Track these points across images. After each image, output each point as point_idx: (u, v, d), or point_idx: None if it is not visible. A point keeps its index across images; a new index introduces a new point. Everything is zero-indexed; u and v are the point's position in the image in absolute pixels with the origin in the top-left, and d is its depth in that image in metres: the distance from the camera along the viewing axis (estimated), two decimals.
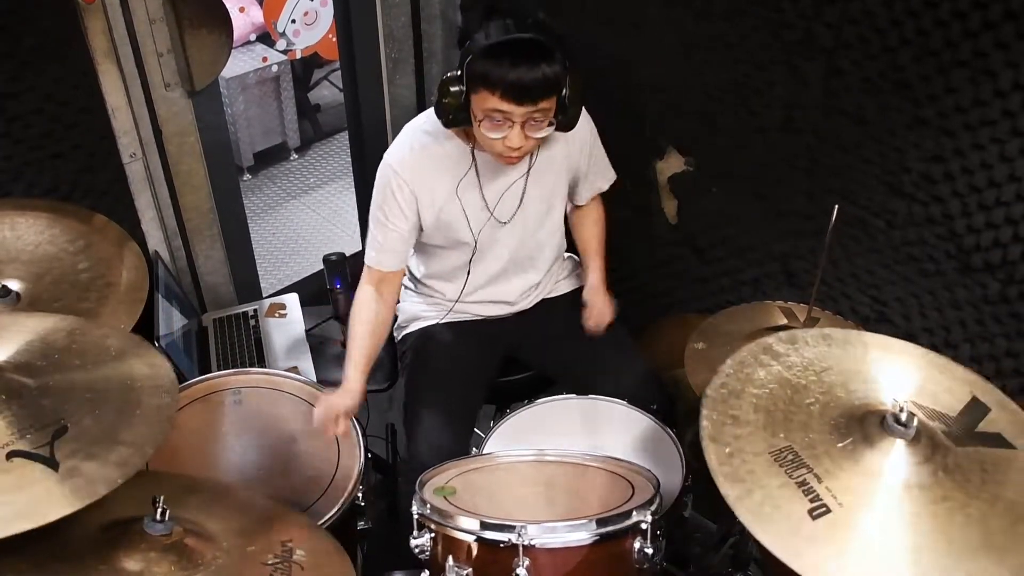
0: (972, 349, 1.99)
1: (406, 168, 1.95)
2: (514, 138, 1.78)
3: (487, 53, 1.70)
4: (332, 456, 1.80)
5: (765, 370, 1.45)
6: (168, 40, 2.23)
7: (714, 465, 1.29)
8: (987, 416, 1.33)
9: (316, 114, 4.80)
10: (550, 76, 1.71)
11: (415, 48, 2.89)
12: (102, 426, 1.26)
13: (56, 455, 1.19)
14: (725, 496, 1.25)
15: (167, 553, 1.25)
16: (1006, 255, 1.85)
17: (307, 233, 4.07)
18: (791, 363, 1.46)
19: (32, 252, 1.86)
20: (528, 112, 1.74)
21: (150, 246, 2.42)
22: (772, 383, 1.43)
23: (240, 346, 2.40)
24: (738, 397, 1.41)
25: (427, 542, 1.54)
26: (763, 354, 1.48)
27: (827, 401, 1.40)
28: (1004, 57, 1.69)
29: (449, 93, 1.78)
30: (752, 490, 1.26)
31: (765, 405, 1.39)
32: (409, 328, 2.24)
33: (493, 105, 1.73)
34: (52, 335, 1.42)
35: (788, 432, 1.34)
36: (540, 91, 1.72)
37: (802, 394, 1.41)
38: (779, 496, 1.25)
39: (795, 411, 1.38)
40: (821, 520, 1.22)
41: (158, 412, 1.31)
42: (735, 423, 1.36)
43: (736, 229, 2.37)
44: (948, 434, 1.33)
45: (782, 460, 1.30)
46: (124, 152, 2.26)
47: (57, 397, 1.28)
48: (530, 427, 1.96)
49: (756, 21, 2.04)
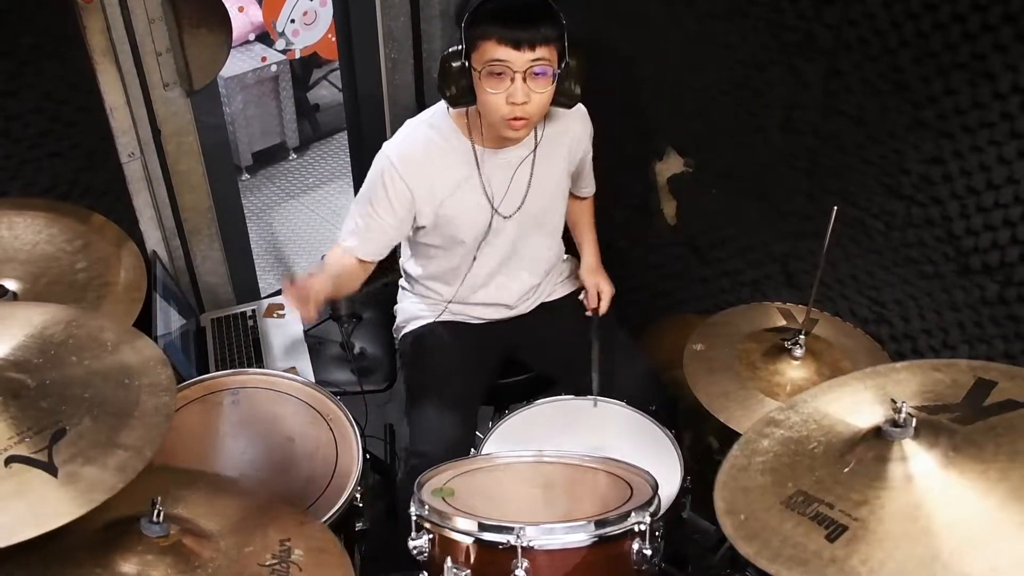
0: (970, 351, 1.99)
1: (406, 162, 1.95)
2: (517, 92, 1.79)
3: (483, 4, 1.75)
4: (330, 457, 1.80)
5: (768, 439, 1.46)
6: (167, 39, 2.23)
7: (731, 533, 1.30)
8: (994, 389, 1.33)
9: (315, 114, 4.80)
10: (547, 20, 1.76)
11: (415, 48, 2.88)
12: (100, 428, 1.24)
13: (55, 460, 1.17)
14: (745, 554, 1.26)
15: (164, 555, 1.24)
16: (1004, 257, 1.85)
17: (306, 233, 4.07)
18: (792, 423, 1.46)
19: (30, 251, 1.85)
20: (528, 61, 1.76)
21: (148, 246, 2.41)
22: (776, 447, 1.44)
23: (238, 346, 2.39)
24: (745, 470, 1.42)
25: (425, 543, 1.54)
26: (766, 427, 1.48)
27: (828, 440, 1.39)
28: (1003, 60, 1.69)
29: (450, 64, 1.82)
30: (768, 540, 1.26)
31: (771, 466, 1.40)
32: (408, 328, 2.24)
33: (492, 55, 1.76)
34: (49, 328, 1.40)
35: (795, 479, 1.35)
36: (538, 35, 1.75)
37: (804, 443, 1.41)
38: (795, 535, 1.25)
39: (800, 459, 1.38)
40: (840, 539, 1.22)
41: (156, 412, 1.30)
42: (745, 493, 1.37)
43: (736, 230, 2.37)
44: (955, 419, 1.32)
45: (793, 504, 1.30)
46: (122, 151, 2.26)
47: (55, 397, 1.26)
48: (529, 428, 1.96)
49: (756, 22, 2.04)
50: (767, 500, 1.34)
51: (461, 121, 1.97)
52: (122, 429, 1.25)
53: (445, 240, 2.06)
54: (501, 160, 2.00)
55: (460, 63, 1.81)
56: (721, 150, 2.29)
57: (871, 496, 1.25)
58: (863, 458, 1.31)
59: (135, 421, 1.27)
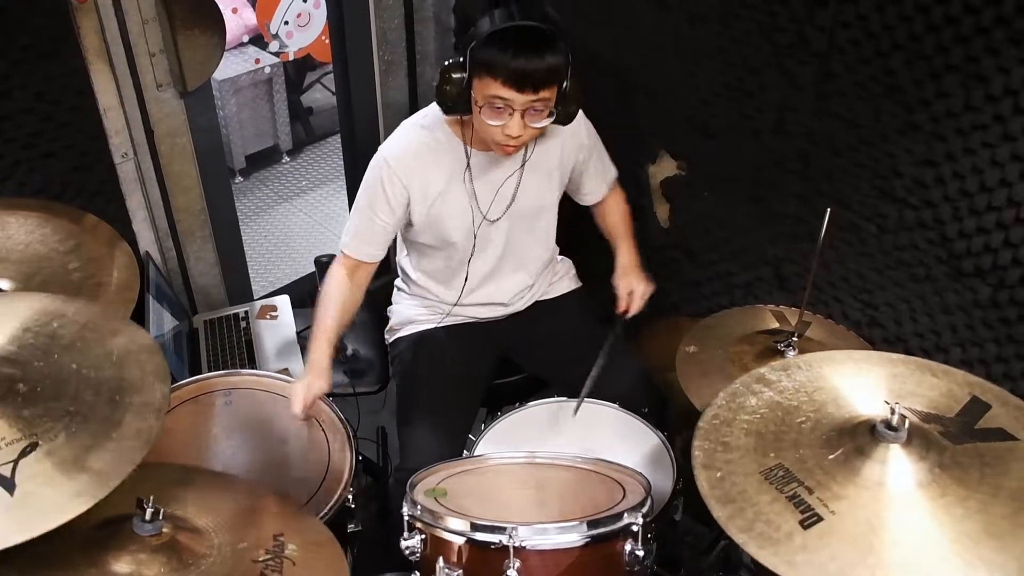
0: (963, 353, 2.00)
1: (401, 163, 1.95)
2: (513, 127, 1.79)
3: (492, 40, 1.72)
4: (323, 458, 1.80)
5: (757, 397, 1.46)
6: (160, 40, 2.22)
7: (705, 490, 1.31)
8: (987, 413, 1.33)
9: (308, 117, 4.80)
10: (553, 65, 1.73)
11: (408, 51, 2.89)
12: (73, 447, 1.20)
13: (17, 476, 1.14)
14: (717, 518, 1.27)
15: (157, 554, 1.24)
16: (996, 260, 1.86)
17: (298, 235, 4.06)
18: (783, 387, 1.47)
19: (22, 251, 1.84)
20: (529, 101, 1.75)
21: (141, 247, 2.41)
22: (763, 408, 1.44)
23: (231, 348, 2.39)
24: (729, 425, 1.43)
25: (418, 544, 1.53)
26: (755, 383, 1.49)
27: (818, 418, 1.40)
28: (995, 62, 1.70)
29: (451, 79, 1.80)
30: (743, 508, 1.27)
31: (756, 429, 1.41)
32: (402, 332, 2.23)
33: (495, 92, 1.74)
34: (52, 320, 1.38)
35: (778, 451, 1.35)
36: (542, 80, 1.74)
37: (793, 415, 1.42)
38: (769, 511, 1.26)
39: (786, 431, 1.39)
40: (812, 529, 1.22)
41: (136, 436, 1.25)
42: (726, 449, 1.38)
43: (728, 233, 2.37)
44: (945, 434, 1.33)
45: (772, 477, 1.31)
46: (116, 152, 2.25)
47: (40, 407, 1.23)
48: (521, 430, 1.96)
49: (749, 25, 2.05)
50: (747, 465, 1.34)
51: (455, 127, 1.98)
52: (95, 451, 1.21)
53: (436, 240, 2.06)
54: (490, 169, 2.01)
55: (460, 77, 1.80)
56: (714, 153, 2.29)
57: (853, 493, 1.26)
58: (851, 451, 1.32)
59: (111, 444, 1.22)
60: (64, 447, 1.19)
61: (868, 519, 1.22)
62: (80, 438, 1.21)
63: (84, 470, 1.18)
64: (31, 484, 1.14)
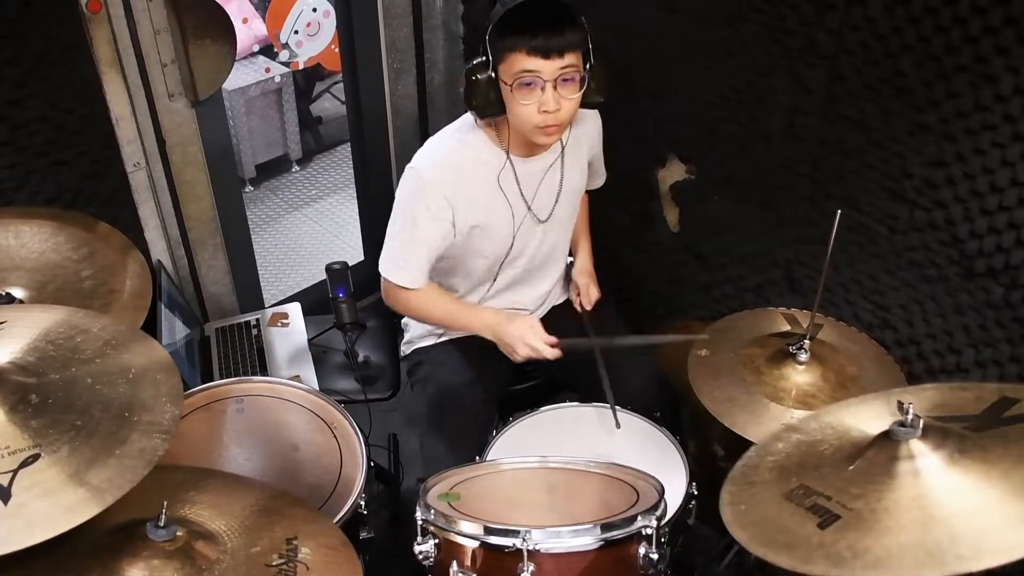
0: (976, 354, 1.98)
1: (442, 177, 1.94)
2: (549, 101, 1.81)
3: (509, 16, 1.76)
4: (334, 465, 1.80)
5: (783, 443, 1.45)
6: (172, 50, 2.24)
7: (729, 518, 1.31)
8: (1015, 405, 1.32)
9: (318, 126, 4.82)
10: (573, 28, 1.77)
11: (417, 59, 2.90)
12: (74, 461, 1.18)
13: (14, 487, 1.12)
14: (741, 541, 1.27)
15: (171, 559, 1.24)
16: (1009, 260, 1.85)
17: (309, 244, 4.08)
18: (809, 430, 1.46)
19: (36, 260, 1.85)
20: (558, 69, 1.78)
21: (153, 255, 2.42)
22: (789, 448, 1.44)
23: (242, 355, 2.40)
24: (756, 467, 1.43)
25: (431, 548, 1.53)
26: (784, 432, 1.48)
27: (840, 444, 1.39)
28: (1004, 62, 1.70)
29: (476, 77, 1.82)
30: (764, 529, 1.27)
31: (780, 464, 1.40)
32: (418, 344, 2.23)
33: (522, 66, 1.77)
34: (76, 335, 1.38)
35: (800, 475, 1.35)
36: (567, 43, 1.77)
37: (816, 445, 1.41)
38: (789, 522, 1.25)
39: (809, 458, 1.39)
40: (830, 528, 1.22)
41: (140, 455, 1.22)
42: (751, 486, 1.38)
43: (738, 236, 2.37)
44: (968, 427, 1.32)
45: (793, 497, 1.31)
46: (128, 161, 2.27)
47: (46, 418, 1.22)
48: (534, 435, 1.96)
49: (757, 28, 2.05)
50: (770, 493, 1.33)
51: (490, 132, 1.98)
52: (95, 466, 1.18)
53: (467, 252, 2.05)
54: (533, 167, 2.01)
55: (486, 75, 1.81)
56: (723, 156, 2.29)
57: (870, 490, 1.25)
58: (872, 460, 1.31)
59: (112, 460, 1.20)
60: (66, 460, 1.18)
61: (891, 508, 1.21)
62: (83, 452, 1.20)
63: (82, 485, 1.16)
64: (27, 495, 1.13)
